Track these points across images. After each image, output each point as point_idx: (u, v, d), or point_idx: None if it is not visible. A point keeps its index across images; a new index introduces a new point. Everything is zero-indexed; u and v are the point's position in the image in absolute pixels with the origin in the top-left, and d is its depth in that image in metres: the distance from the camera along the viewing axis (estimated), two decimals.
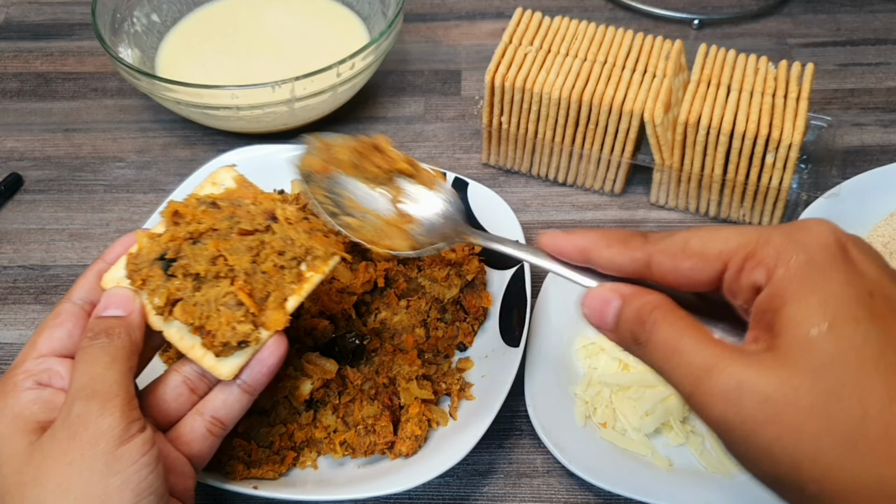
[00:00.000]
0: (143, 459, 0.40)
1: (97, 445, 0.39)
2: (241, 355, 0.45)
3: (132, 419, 0.40)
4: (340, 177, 0.51)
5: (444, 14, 0.98)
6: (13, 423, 0.41)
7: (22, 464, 0.39)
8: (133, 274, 0.45)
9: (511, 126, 0.75)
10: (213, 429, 0.47)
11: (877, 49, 0.92)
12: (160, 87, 0.74)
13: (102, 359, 0.42)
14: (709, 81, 0.70)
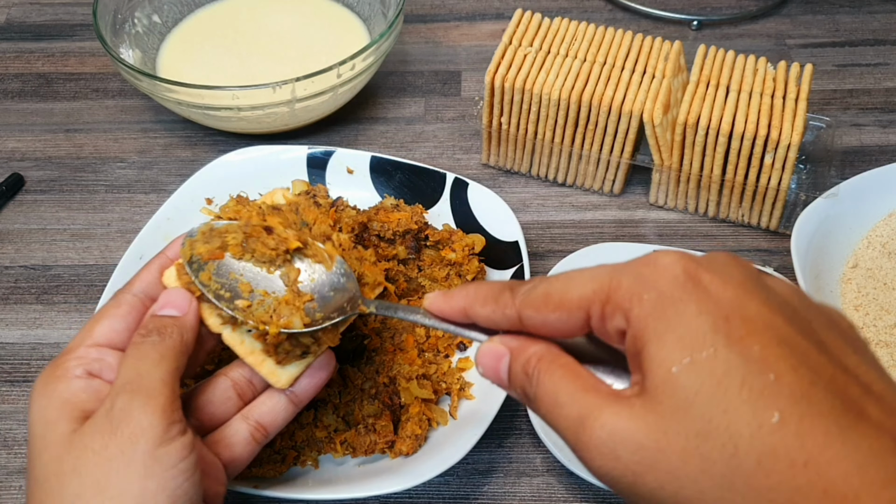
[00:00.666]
0: (182, 465, 0.39)
1: (137, 444, 0.38)
2: (298, 366, 0.46)
3: (173, 420, 0.40)
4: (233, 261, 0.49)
5: (444, 15, 0.98)
6: (61, 408, 0.40)
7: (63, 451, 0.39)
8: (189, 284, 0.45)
9: (511, 127, 0.75)
10: (257, 434, 0.46)
11: (875, 50, 0.92)
12: (161, 88, 0.74)
13: (152, 356, 0.41)
14: (708, 82, 0.70)
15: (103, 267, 0.73)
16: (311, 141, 0.83)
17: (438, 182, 0.71)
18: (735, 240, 0.75)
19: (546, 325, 0.34)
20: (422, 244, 0.67)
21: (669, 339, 0.30)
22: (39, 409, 0.40)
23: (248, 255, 0.48)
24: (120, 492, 0.37)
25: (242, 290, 0.47)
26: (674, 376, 0.29)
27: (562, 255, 0.68)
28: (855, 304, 0.66)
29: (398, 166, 0.72)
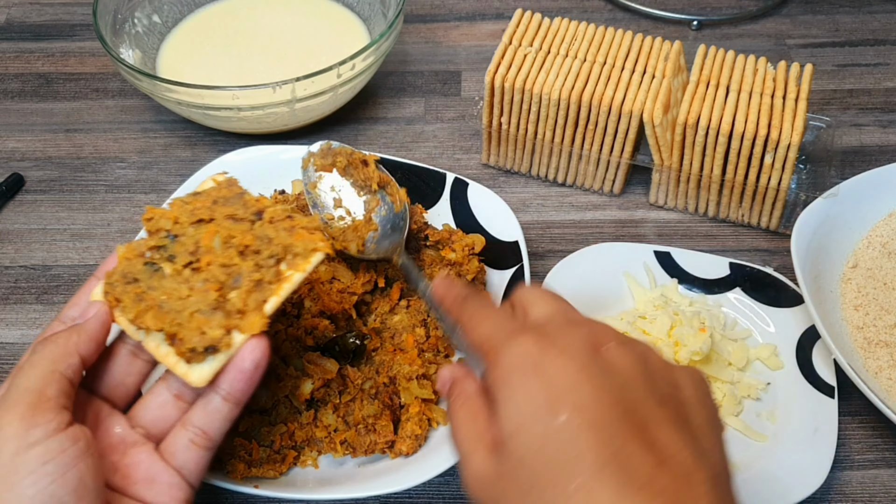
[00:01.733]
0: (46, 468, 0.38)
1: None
2: (212, 362, 0.43)
3: (35, 424, 0.39)
4: (337, 177, 0.64)
5: (444, 15, 0.98)
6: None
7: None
8: (106, 294, 0.45)
9: (511, 127, 0.75)
10: (198, 440, 0.45)
11: (875, 50, 0.92)
12: (161, 88, 0.74)
13: (27, 367, 0.42)
14: (708, 82, 0.70)
15: None
16: (311, 141, 0.82)
17: (438, 182, 0.71)
18: (735, 240, 0.75)
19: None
20: (422, 244, 0.67)
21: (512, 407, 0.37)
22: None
23: (349, 176, 0.62)
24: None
25: (335, 203, 0.62)
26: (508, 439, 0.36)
27: (562, 255, 0.68)
28: (855, 304, 0.66)
29: (398, 166, 0.72)
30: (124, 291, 0.45)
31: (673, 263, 0.68)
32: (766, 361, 0.63)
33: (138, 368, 0.47)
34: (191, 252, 0.46)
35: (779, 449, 0.58)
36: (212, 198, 0.50)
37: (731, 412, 0.60)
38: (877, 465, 0.60)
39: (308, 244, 0.45)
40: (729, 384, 0.61)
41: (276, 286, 0.44)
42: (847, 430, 0.61)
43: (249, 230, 0.46)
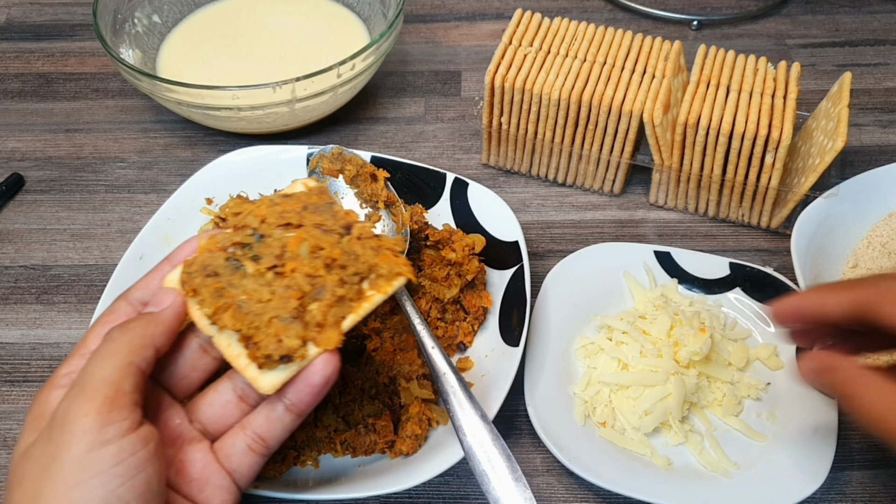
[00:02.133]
0: (117, 470, 0.37)
1: (69, 449, 0.37)
2: (284, 370, 0.42)
3: (111, 421, 0.38)
4: (342, 184, 0.65)
5: (444, 15, 0.98)
6: (34, 417, 0.40)
7: (16, 464, 0.39)
8: (184, 283, 0.44)
9: (511, 127, 0.75)
10: (255, 446, 0.44)
11: (875, 50, 0.92)
12: (161, 88, 0.74)
13: (102, 355, 0.40)
14: (708, 82, 0.70)
15: (103, 267, 0.73)
16: (311, 141, 0.83)
17: (438, 182, 0.71)
18: (735, 240, 0.75)
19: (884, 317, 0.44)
20: (422, 244, 0.67)
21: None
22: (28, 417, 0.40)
23: (354, 186, 0.64)
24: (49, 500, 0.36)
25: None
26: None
27: (562, 255, 0.68)
28: None
29: (398, 166, 0.72)
30: (203, 284, 0.43)
31: (673, 263, 0.68)
32: (766, 361, 0.63)
33: (205, 364, 0.46)
34: (276, 255, 0.44)
35: (779, 449, 0.58)
36: (302, 203, 0.48)
37: (731, 412, 0.60)
38: (877, 465, 0.60)
39: (393, 267, 0.44)
40: (729, 384, 0.61)
41: (356, 304, 0.43)
42: (847, 430, 0.61)
43: (338, 243, 0.45)
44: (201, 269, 0.44)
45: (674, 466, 0.58)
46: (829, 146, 0.65)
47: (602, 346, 0.63)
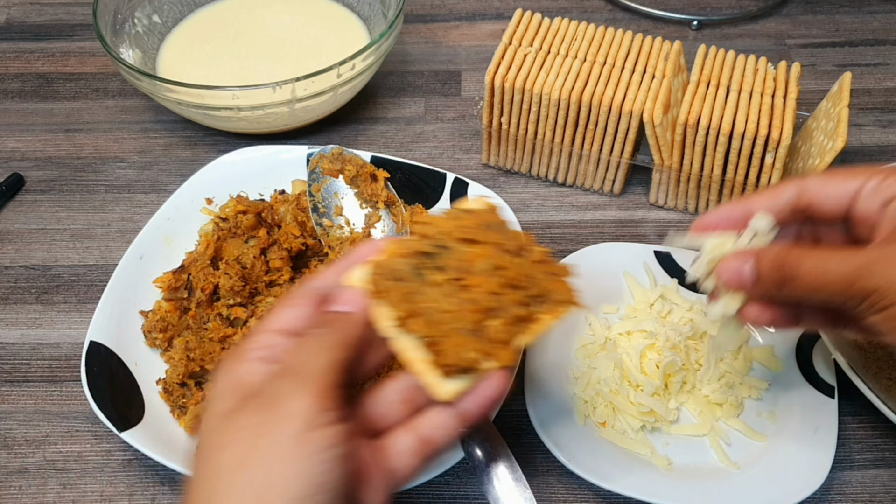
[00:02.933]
0: (328, 454, 0.38)
1: (286, 423, 0.38)
2: (462, 381, 0.43)
3: (326, 408, 0.39)
4: (342, 184, 0.66)
5: (444, 15, 0.98)
6: (230, 386, 0.41)
7: (221, 425, 0.39)
8: (373, 283, 0.45)
9: (511, 127, 0.75)
10: (422, 447, 0.44)
11: (875, 50, 0.92)
12: (161, 88, 0.74)
13: (315, 345, 0.42)
14: (708, 82, 0.70)
15: (103, 267, 0.73)
16: (311, 141, 0.83)
17: (438, 182, 0.71)
18: None
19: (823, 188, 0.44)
20: None
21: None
22: (216, 385, 0.42)
23: (354, 186, 0.65)
24: (261, 469, 0.37)
25: (336, 210, 0.64)
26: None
27: (562, 255, 0.68)
28: None
29: (398, 166, 0.72)
30: (392, 287, 0.44)
31: (673, 263, 0.68)
32: (765, 363, 0.63)
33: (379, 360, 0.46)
34: (460, 269, 0.45)
35: (779, 449, 0.58)
36: (482, 220, 0.48)
37: (731, 412, 0.60)
38: (877, 465, 0.60)
39: (566, 295, 0.45)
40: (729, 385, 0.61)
41: (530, 326, 0.44)
42: (847, 430, 0.61)
43: (518, 264, 0.46)
44: (389, 272, 0.45)
45: (674, 466, 0.58)
46: (829, 146, 0.65)
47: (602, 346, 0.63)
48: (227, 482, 0.37)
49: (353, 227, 0.65)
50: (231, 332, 0.61)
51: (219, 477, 0.38)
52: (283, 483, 0.37)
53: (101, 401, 0.57)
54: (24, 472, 0.61)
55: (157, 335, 0.63)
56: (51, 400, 0.65)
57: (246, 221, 0.67)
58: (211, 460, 0.38)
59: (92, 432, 0.63)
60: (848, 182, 0.44)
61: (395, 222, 0.65)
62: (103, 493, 0.60)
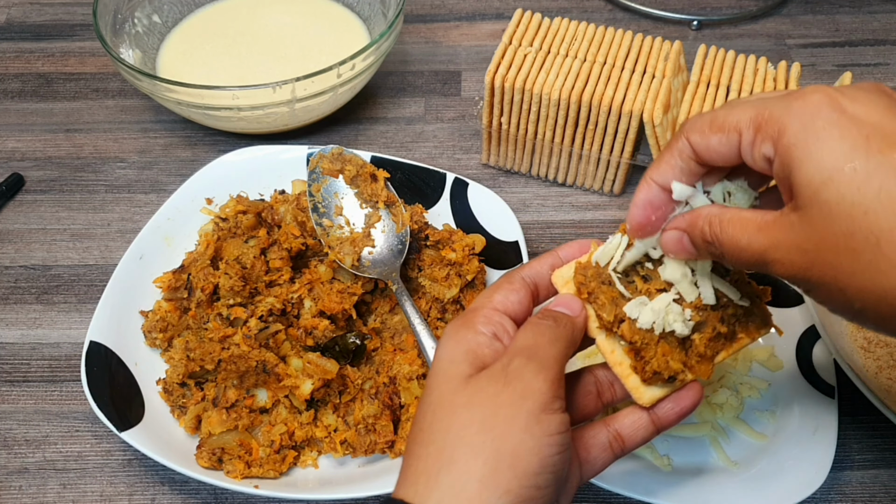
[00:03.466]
0: (558, 437, 0.40)
1: (525, 401, 0.40)
2: (663, 388, 0.45)
3: (558, 395, 0.41)
4: (342, 184, 0.66)
5: (444, 15, 0.98)
6: (465, 353, 0.43)
7: (460, 387, 0.41)
8: (580, 285, 0.46)
9: (511, 127, 0.75)
10: (615, 445, 0.46)
11: (875, 49, 0.92)
12: (161, 88, 0.74)
13: (547, 334, 0.43)
14: (708, 82, 0.70)
15: (103, 267, 0.73)
16: (311, 141, 0.83)
17: (438, 182, 0.71)
18: None
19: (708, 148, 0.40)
20: (422, 244, 0.67)
21: (814, 162, 0.36)
22: (448, 349, 0.43)
23: (354, 186, 0.65)
24: (502, 435, 0.39)
25: (336, 210, 0.65)
26: (818, 191, 0.35)
27: None
28: None
29: (398, 166, 0.72)
30: (599, 290, 0.45)
31: None
32: (765, 363, 0.63)
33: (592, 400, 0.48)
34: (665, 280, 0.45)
35: (779, 449, 0.58)
36: None
37: (731, 412, 0.60)
38: (877, 465, 0.60)
39: (766, 318, 0.46)
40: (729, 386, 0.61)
41: (728, 343, 0.46)
42: (847, 430, 0.61)
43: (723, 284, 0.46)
44: (596, 275, 0.46)
45: (674, 466, 0.58)
46: None
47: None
48: (469, 442, 0.39)
49: (353, 227, 0.65)
50: (231, 332, 0.61)
51: (461, 436, 0.40)
52: (518, 455, 0.39)
53: (101, 401, 0.57)
54: (24, 472, 0.61)
55: (157, 335, 0.63)
56: (51, 400, 0.65)
57: (246, 221, 0.67)
58: (455, 419, 0.40)
59: (92, 432, 0.63)
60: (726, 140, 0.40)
61: (395, 222, 0.65)
62: (103, 493, 0.60)
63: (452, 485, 0.38)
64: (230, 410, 0.59)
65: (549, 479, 0.39)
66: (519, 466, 0.39)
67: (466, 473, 0.38)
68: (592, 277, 0.46)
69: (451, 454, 0.39)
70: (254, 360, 0.59)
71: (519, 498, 0.38)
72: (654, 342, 0.44)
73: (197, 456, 0.57)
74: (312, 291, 0.63)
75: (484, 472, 0.38)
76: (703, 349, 0.44)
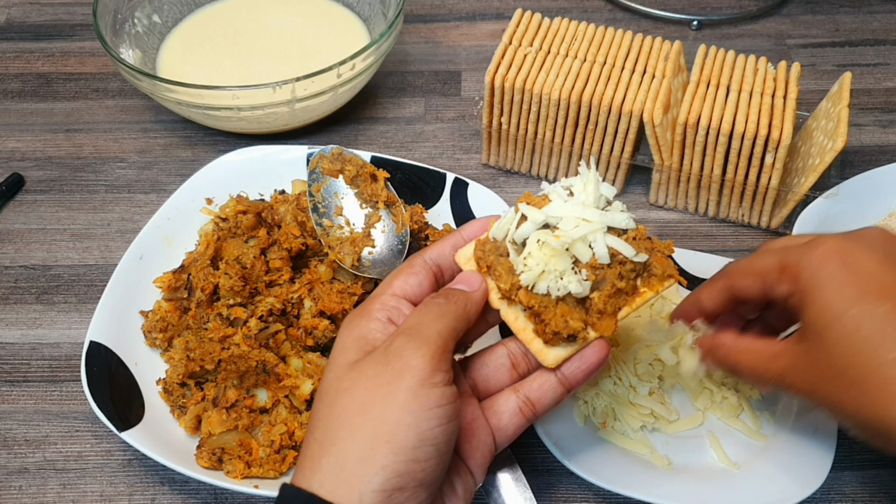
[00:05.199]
0: (438, 410, 0.41)
1: (402, 378, 0.42)
2: (566, 348, 0.46)
3: (440, 369, 0.43)
4: (342, 184, 0.66)
5: (443, 15, 0.98)
6: (355, 340, 0.45)
7: (344, 373, 0.43)
8: (479, 260, 0.47)
9: (511, 127, 0.75)
10: (525, 409, 0.48)
11: (875, 50, 0.92)
12: (161, 88, 0.74)
13: (434, 312, 0.45)
14: (708, 82, 0.70)
15: (103, 267, 0.73)
16: (311, 141, 0.83)
17: (438, 182, 0.71)
18: (735, 240, 0.75)
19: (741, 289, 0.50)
20: (422, 244, 0.67)
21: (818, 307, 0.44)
22: (341, 339, 0.46)
23: (354, 186, 0.65)
24: (379, 415, 0.41)
25: (336, 210, 0.65)
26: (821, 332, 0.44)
27: None
28: None
29: (398, 166, 0.72)
30: (498, 262, 0.47)
31: None
32: None
33: (481, 329, 0.50)
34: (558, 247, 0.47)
35: (779, 449, 0.58)
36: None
37: (731, 412, 0.60)
38: (877, 465, 0.60)
39: (666, 269, 0.48)
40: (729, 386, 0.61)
41: (630, 298, 0.47)
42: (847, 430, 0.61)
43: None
44: (494, 249, 0.47)
45: (674, 466, 0.58)
46: (829, 146, 0.65)
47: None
48: (348, 424, 0.41)
49: (353, 228, 0.65)
50: (231, 332, 0.61)
51: (341, 419, 0.42)
52: (395, 432, 0.41)
53: (101, 401, 0.57)
54: (24, 472, 0.61)
55: (157, 335, 0.63)
56: (51, 400, 0.65)
57: (246, 221, 0.67)
58: (336, 404, 0.42)
59: (92, 432, 0.63)
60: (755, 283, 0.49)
61: (396, 222, 0.65)
62: (103, 493, 0.60)
63: (332, 467, 0.41)
64: (230, 410, 0.59)
65: (430, 452, 0.41)
66: (396, 442, 0.40)
67: (344, 454, 0.41)
68: (490, 251, 0.47)
69: (333, 438, 0.41)
70: (254, 360, 0.59)
71: (395, 473, 0.40)
72: (552, 305, 0.45)
73: (197, 456, 0.57)
74: (312, 291, 0.63)
75: (361, 451, 0.40)
76: (603, 306, 0.46)
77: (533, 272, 0.45)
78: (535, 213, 0.46)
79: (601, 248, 0.46)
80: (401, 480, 0.40)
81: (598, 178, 0.48)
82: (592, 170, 0.47)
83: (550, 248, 0.45)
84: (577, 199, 0.47)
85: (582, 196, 0.47)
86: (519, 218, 0.47)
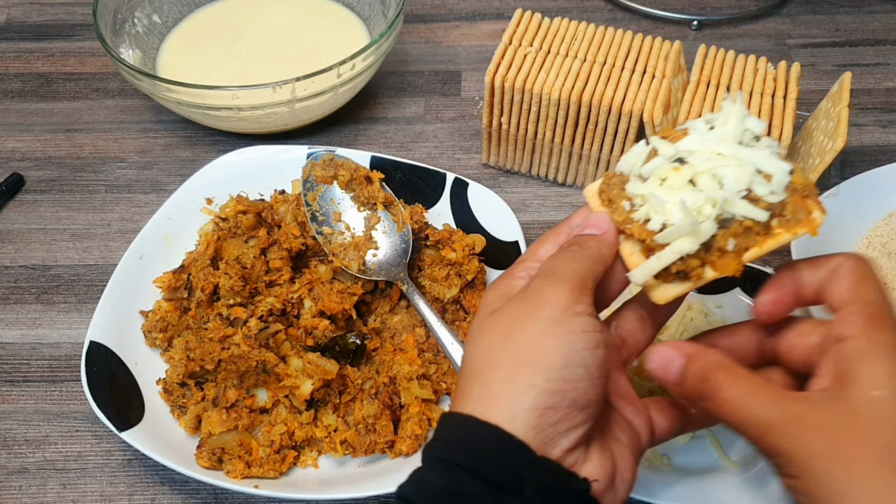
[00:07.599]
0: (582, 335, 0.41)
1: (543, 309, 0.42)
2: (678, 286, 0.43)
3: (579, 300, 0.42)
4: (337, 190, 0.66)
5: (444, 15, 0.98)
6: (499, 296, 0.45)
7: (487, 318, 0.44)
8: (602, 193, 0.46)
9: (511, 126, 0.75)
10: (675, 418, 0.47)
11: (875, 50, 0.92)
12: (161, 88, 0.74)
13: (568, 256, 0.45)
14: (708, 82, 0.70)
15: (103, 267, 0.73)
16: (311, 141, 0.83)
17: (438, 182, 0.71)
18: None
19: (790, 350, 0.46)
20: (422, 244, 0.67)
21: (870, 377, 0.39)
22: (485, 298, 0.47)
23: (350, 190, 0.64)
24: (521, 341, 0.41)
25: (335, 217, 0.65)
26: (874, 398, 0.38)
27: None
28: None
29: (398, 166, 0.72)
30: (620, 196, 0.45)
31: None
32: None
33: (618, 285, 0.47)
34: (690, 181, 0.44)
35: None
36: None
37: None
38: None
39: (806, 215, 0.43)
40: None
41: (762, 238, 0.43)
42: None
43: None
44: (619, 183, 0.45)
45: (674, 466, 0.58)
46: (829, 146, 0.65)
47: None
48: (492, 354, 0.42)
49: (354, 232, 0.65)
50: (231, 332, 0.61)
51: (486, 352, 0.43)
52: (539, 354, 0.41)
53: (101, 401, 0.57)
54: (24, 472, 0.61)
55: (157, 335, 0.63)
56: (51, 400, 0.65)
57: (246, 221, 0.67)
58: (480, 340, 0.43)
59: (92, 432, 0.63)
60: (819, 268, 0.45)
61: (395, 222, 0.65)
62: (103, 493, 0.60)
63: (481, 392, 0.41)
64: (230, 410, 0.59)
65: (580, 373, 0.41)
66: (541, 364, 0.40)
67: (491, 379, 0.41)
68: (615, 185, 0.45)
69: (480, 367, 0.42)
70: (254, 360, 0.59)
71: (545, 391, 0.40)
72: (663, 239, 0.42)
73: (197, 456, 0.57)
74: (312, 291, 0.63)
75: (507, 374, 0.41)
76: (725, 244, 0.42)
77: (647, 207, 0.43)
78: (666, 146, 0.44)
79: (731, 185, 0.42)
80: (552, 399, 0.40)
81: (743, 112, 0.43)
82: (739, 102, 0.44)
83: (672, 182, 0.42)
84: (715, 134, 0.43)
85: (721, 130, 0.43)
86: (650, 152, 0.44)
